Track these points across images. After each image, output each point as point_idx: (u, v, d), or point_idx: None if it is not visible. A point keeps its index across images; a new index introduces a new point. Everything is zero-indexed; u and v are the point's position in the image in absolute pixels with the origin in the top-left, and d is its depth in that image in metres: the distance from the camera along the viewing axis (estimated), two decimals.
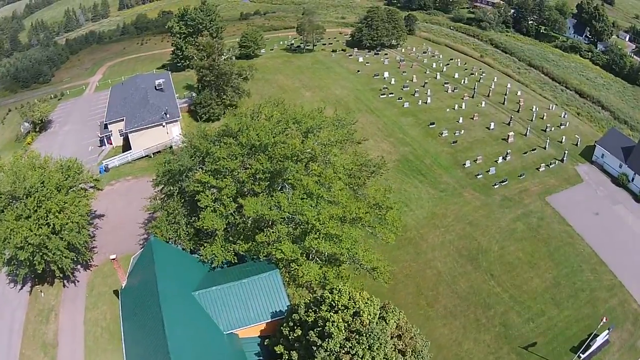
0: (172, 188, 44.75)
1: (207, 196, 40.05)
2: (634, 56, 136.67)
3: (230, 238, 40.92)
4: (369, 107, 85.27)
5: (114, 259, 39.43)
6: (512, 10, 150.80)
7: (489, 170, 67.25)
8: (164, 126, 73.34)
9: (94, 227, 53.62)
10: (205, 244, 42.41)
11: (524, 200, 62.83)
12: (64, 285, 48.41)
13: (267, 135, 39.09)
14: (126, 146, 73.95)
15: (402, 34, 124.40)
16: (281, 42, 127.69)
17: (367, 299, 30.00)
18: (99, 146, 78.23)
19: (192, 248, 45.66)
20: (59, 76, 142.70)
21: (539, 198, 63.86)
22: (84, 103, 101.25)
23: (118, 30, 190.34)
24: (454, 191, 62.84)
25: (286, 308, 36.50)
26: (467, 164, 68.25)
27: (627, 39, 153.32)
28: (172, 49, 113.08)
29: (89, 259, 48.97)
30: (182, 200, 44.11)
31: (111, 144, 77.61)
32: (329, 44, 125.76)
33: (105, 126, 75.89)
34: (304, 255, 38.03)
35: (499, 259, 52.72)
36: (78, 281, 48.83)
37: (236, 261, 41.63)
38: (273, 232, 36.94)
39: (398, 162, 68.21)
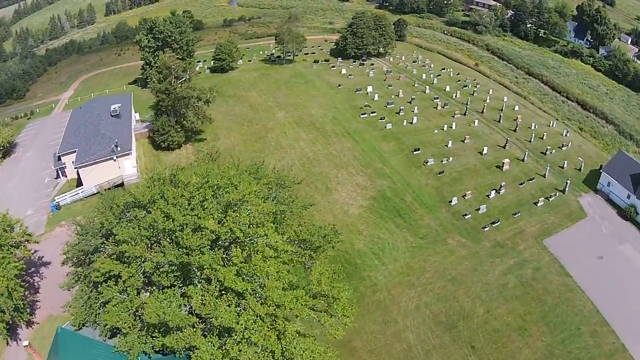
0: (79, 270, 36.81)
1: (111, 287, 31.90)
2: (637, 60, 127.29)
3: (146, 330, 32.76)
4: (347, 129, 76.76)
5: (27, 346, 32.32)
6: (510, 13, 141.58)
7: (479, 209, 58.68)
8: (115, 160, 65.62)
9: (39, 277, 49.08)
10: (120, 334, 34.35)
11: (518, 246, 54.30)
12: (7, 344, 42.59)
13: (179, 212, 30.74)
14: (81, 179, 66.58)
15: (391, 42, 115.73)
16: (261, 52, 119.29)
17: None
18: (55, 178, 70.71)
19: (111, 333, 37.56)
20: (33, 91, 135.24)
21: (535, 242, 55.34)
22: (50, 125, 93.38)
23: (99, 39, 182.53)
24: (437, 237, 54.32)
25: None
26: (454, 201, 59.67)
27: (629, 41, 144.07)
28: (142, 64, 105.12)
29: (28, 318, 43.59)
30: (90, 285, 35.92)
31: (66, 176, 70.10)
32: (312, 53, 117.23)
33: (59, 158, 68.44)
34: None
35: (483, 326, 44.34)
36: (20, 339, 43.16)
37: (160, 354, 33.61)
38: (182, 337, 28.66)
39: (373, 200, 59.69)
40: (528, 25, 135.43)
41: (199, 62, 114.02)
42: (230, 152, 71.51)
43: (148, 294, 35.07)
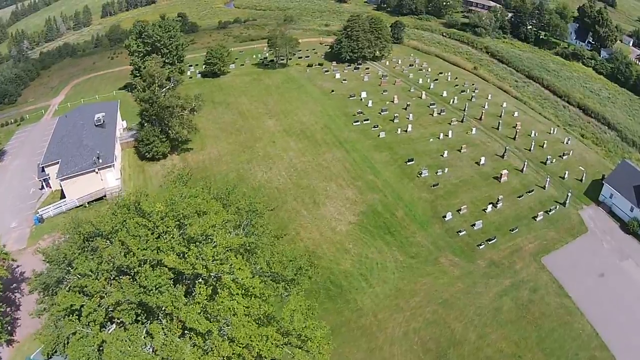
0: (46, 299, 34.20)
1: (73, 321, 29.25)
2: (639, 62, 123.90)
3: None
4: (338, 138, 73.95)
5: None
6: (510, 15, 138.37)
7: (474, 225, 55.77)
8: (97, 172, 63.22)
9: (20, 294, 47.49)
10: None
11: (515, 265, 51.40)
12: None
13: (139, 245, 27.97)
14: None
15: (387, 45, 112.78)
16: (255, 56, 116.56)
17: None
18: (40, 189, 68.39)
19: None
20: (25, 96, 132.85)
21: (533, 260, 52.45)
22: (39, 132, 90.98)
23: (92, 42, 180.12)
24: (429, 256, 51.47)
25: None
26: (449, 216, 56.78)
27: (630, 43, 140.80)
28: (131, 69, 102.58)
29: (7, 338, 41.93)
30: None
31: (50, 187, 67.74)
32: (306, 57, 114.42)
33: (43, 169, 66.17)
34: None
35: (475, 353, 41.53)
36: (1, 358, 42.50)
37: None
38: None
39: (363, 215, 56.84)
40: (528, 27, 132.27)
41: (191, 66, 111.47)
42: (216, 162, 69.04)
43: (114, 325, 32.51)
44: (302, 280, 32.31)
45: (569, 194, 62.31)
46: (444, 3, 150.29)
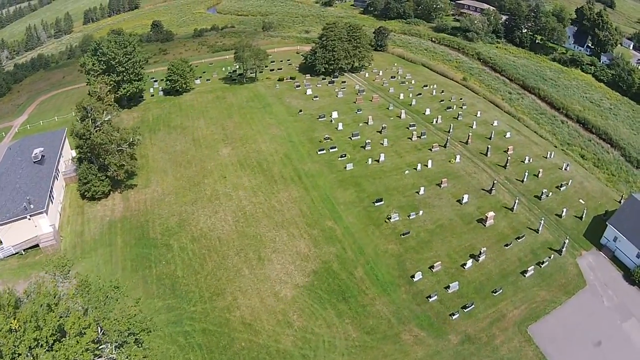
0: None
1: None
2: None
3: None
4: (299, 172, 64.21)
5: None
6: (504, 18, 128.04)
7: (448, 287, 45.98)
8: (29, 219, 54.70)
9: None
10: None
11: (495, 340, 41.70)
12: None
13: None
14: None
15: (367, 55, 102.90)
16: (224, 68, 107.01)
17: None
18: None
19: None
20: None
21: (517, 331, 42.80)
22: None
23: (66, 53, 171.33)
24: (388, 331, 41.71)
25: None
26: (418, 275, 46.97)
27: (631, 47, 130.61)
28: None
29: None
30: None
31: None
32: (279, 69, 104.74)
33: None
34: None
35: None
36: None
37: None
38: None
39: (314, 276, 47.11)
40: (523, 31, 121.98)
41: (156, 81, 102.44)
42: (158, 204, 59.65)
43: None
44: None
45: (566, 241, 52.48)
46: (434, 6, 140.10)
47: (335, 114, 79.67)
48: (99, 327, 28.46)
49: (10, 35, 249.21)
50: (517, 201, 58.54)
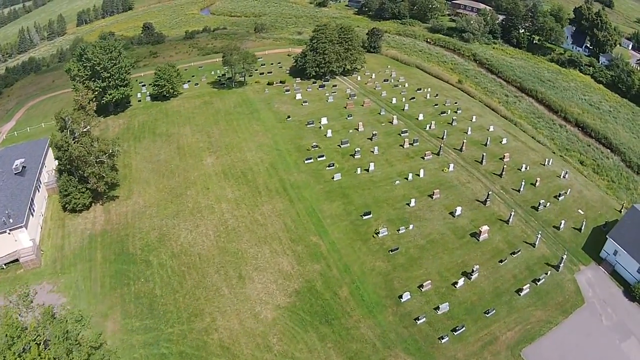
0: None
1: None
2: None
3: None
4: (284, 182, 61.62)
5: None
6: (501, 18, 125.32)
7: (438, 308, 43.46)
8: (9, 233, 52.51)
9: None
10: None
11: None
12: None
13: None
14: None
15: (359, 57, 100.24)
16: (213, 72, 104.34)
17: None
18: None
19: None
20: None
21: (511, 355, 40.40)
22: None
23: (57, 56, 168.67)
24: (373, 356, 39.11)
25: None
26: (406, 296, 44.42)
27: (630, 47, 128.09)
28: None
29: None
30: None
31: None
32: (269, 72, 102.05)
33: None
34: None
35: None
36: None
37: None
38: None
39: (297, 296, 44.56)
40: (521, 31, 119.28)
41: (144, 85, 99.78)
42: (139, 216, 57.20)
43: None
44: None
45: (564, 256, 49.98)
46: (430, 6, 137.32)
47: (324, 120, 77.08)
48: None
49: (4, 37, 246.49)
50: (512, 213, 55.99)
